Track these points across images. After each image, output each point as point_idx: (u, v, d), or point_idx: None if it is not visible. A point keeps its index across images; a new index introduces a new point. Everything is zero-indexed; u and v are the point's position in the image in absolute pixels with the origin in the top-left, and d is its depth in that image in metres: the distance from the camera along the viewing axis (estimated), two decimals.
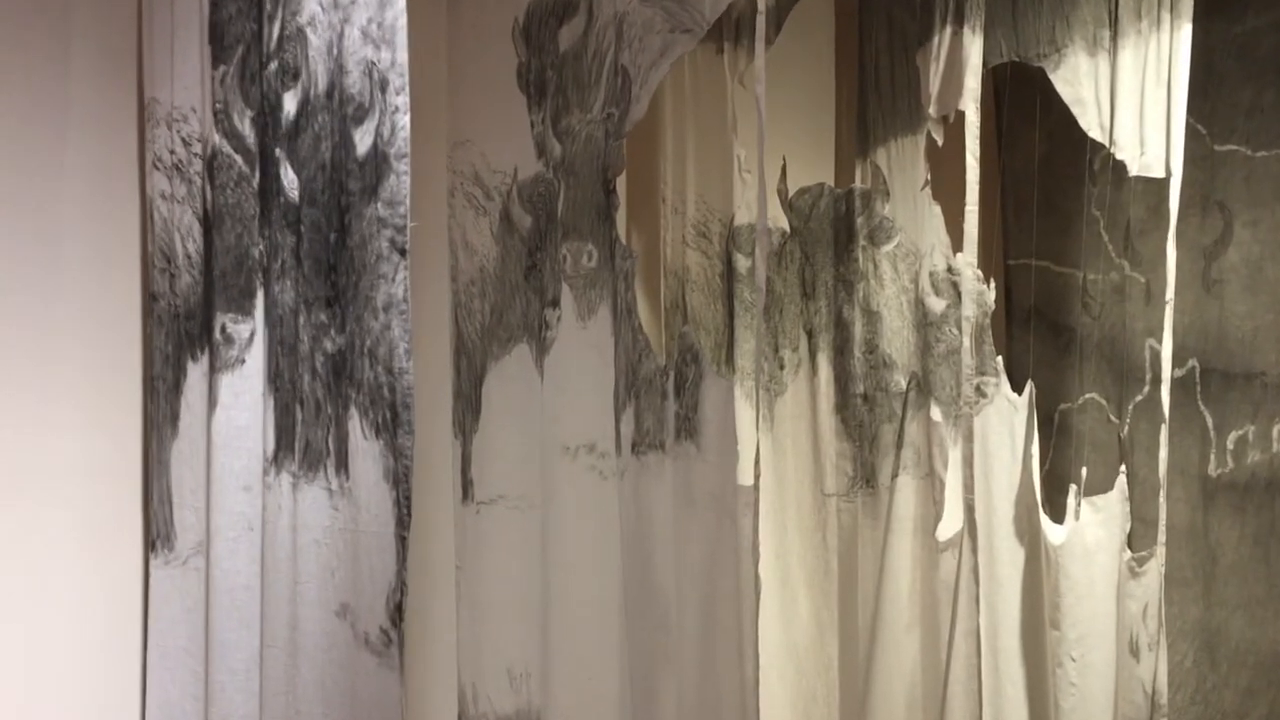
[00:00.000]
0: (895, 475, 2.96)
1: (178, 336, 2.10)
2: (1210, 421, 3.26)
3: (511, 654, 2.52)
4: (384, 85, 1.74)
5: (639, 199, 3.09)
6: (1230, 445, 3.23)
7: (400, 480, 1.75)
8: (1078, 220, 3.45)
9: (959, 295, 3.06)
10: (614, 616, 2.36)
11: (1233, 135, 3.23)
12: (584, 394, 2.44)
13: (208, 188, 2.01)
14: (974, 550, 2.66)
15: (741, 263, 2.88)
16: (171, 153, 2.14)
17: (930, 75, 2.84)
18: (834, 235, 3.00)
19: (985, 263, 3.65)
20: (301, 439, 1.79)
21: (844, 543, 2.93)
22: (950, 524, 2.85)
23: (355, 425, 1.76)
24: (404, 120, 1.73)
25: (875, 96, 3.27)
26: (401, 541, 1.76)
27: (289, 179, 1.79)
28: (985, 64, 3.09)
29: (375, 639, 1.74)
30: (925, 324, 3.13)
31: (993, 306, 3.07)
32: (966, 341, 2.67)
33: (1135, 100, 2.84)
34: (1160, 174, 2.87)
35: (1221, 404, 3.25)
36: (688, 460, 2.45)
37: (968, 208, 2.63)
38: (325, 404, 1.76)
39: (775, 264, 2.94)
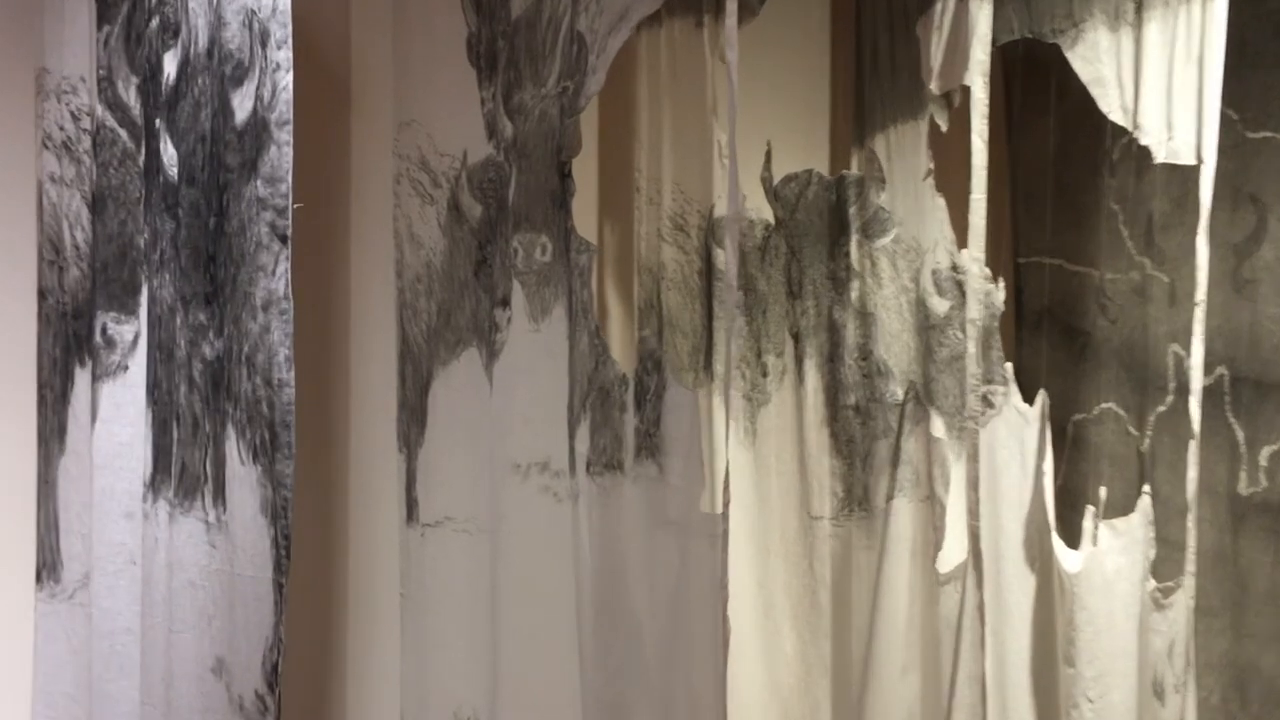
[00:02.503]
0: (891, 497, 2.67)
1: (65, 339, 1.83)
2: (1241, 435, 2.99)
3: (459, 694, 2.26)
4: (264, 38, 1.46)
5: (611, 188, 2.84)
6: (1263, 462, 2.95)
7: (279, 515, 1.47)
8: (1095, 214, 3.20)
9: (964, 296, 2.79)
10: (570, 656, 2.08)
11: (1268, 121, 2.95)
12: (536, 405, 2.16)
13: (95, 167, 1.74)
14: (979, 585, 2.38)
15: (722, 259, 2.60)
16: (61, 129, 1.86)
17: (932, 47, 2.57)
18: (823, 228, 2.71)
19: (994, 260, 3.40)
20: (178, 461, 1.51)
21: (834, 572, 2.65)
22: (952, 554, 2.57)
23: (232, 447, 1.48)
24: (286, 80, 1.45)
25: (874, 77, 3.00)
26: (279, 589, 1.48)
27: (169, 154, 1.51)
28: (995, 40, 2.82)
29: (250, 705, 1.47)
30: (927, 327, 2.85)
31: (1002, 308, 2.80)
32: (971, 347, 2.39)
33: (1163, 79, 2.56)
34: (1190, 161, 2.58)
35: (1254, 416, 2.97)
36: (649, 483, 2.17)
37: (973, 196, 2.35)
38: (203, 420, 1.49)
39: (758, 260, 2.66)
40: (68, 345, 1.83)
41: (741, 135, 3.13)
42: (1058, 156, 3.27)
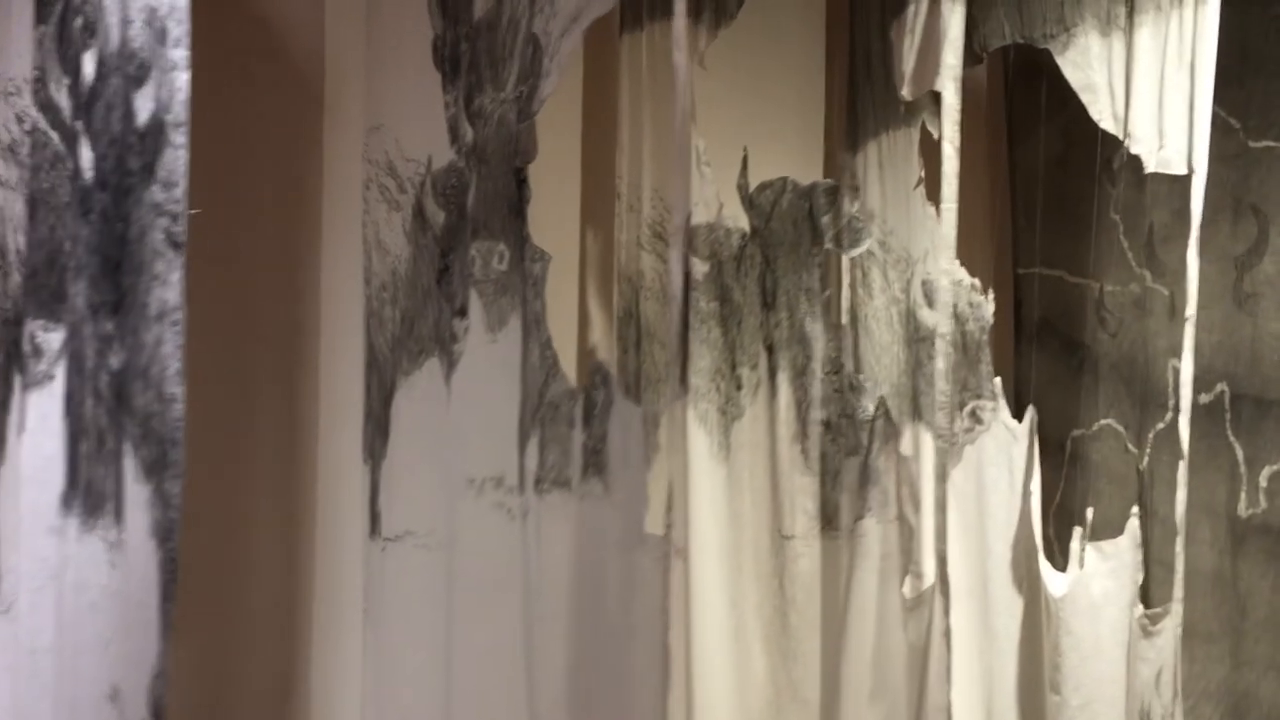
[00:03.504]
0: (859, 517, 2.60)
1: (6, 346, 1.77)
2: (1241, 455, 2.90)
3: (416, 715, 2.19)
4: (163, 37, 1.41)
5: (594, 195, 2.78)
6: (1263, 482, 2.87)
7: (167, 537, 1.41)
8: (1095, 225, 3.13)
9: (955, 307, 2.72)
10: (520, 682, 2.02)
11: (1270, 130, 2.88)
12: (492, 418, 2.10)
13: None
14: (946, 610, 2.30)
15: (698, 267, 2.54)
16: (7, 131, 1.81)
17: (905, 51, 2.49)
18: (797, 237, 2.64)
19: (993, 271, 3.33)
20: (85, 476, 1.46)
21: (804, 593, 2.57)
22: (921, 578, 2.49)
23: (130, 463, 1.43)
24: (182, 80, 1.40)
25: (866, 83, 2.92)
26: (165, 616, 1.42)
27: (86, 157, 1.46)
28: (986, 46, 2.76)
29: None
30: (917, 339, 2.77)
31: (990, 321, 2.73)
32: (941, 363, 2.31)
33: (1154, 86, 2.48)
34: (1181, 170, 2.51)
35: (1254, 435, 2.89)
36: (595, 501, 2.10)
37: (944, 206, 2.28)
38: (108, 435, 1.44)
39: (734, 269, 2.59)
40: (8, 353, 1.78)
41: (729, 140, 3.11)
42: (1058, 165, 3.19)
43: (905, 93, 2.58)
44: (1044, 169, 3.25)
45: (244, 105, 2.48)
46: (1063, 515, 3.08)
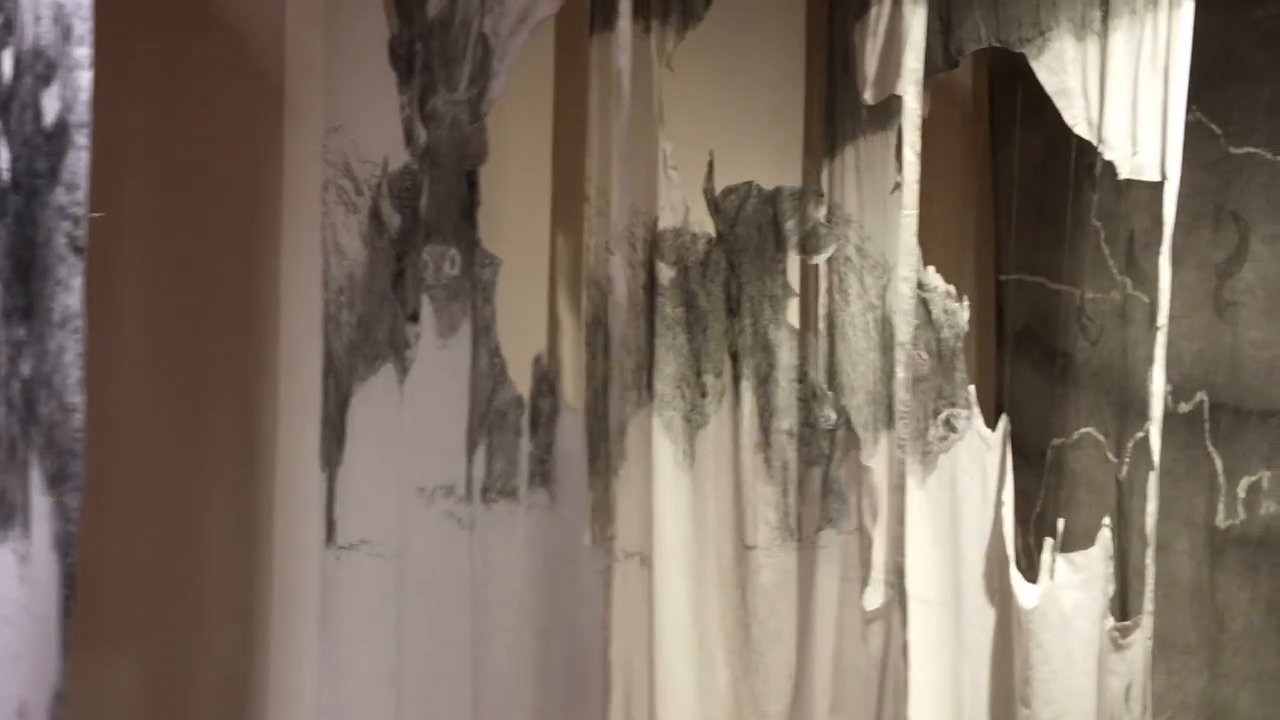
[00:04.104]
0: (820, 528, 2.56)
1: None
2: (1220, 465, 2.85)
3: None
4: (68, 34, 1.37)
5: (565, 199, 2.74)
6: (1242, 493, 2.82)
7: (67, 551, 1.38)
8: (1077, 231, 3.08)
9: (929, 314, 2.68)
10: (466, 697, 1.98)
11: (1252, 136, 2.83)
12: (442, 426, 2.07)
13: None
14: (904, 624, 2.25)
15: (664, 273, 2.50)
16: None
17: (866, 54, 2.45)
18: (761, 243, 2.60)
19: (966, 277, 3.28)
20: None
21: (765, 604, 2.53)
22: (880, 590, 2.45)
23: (35, 474, 1.39)
24: (85, 79, 1.36)
25: (845, 86, 2.88)
26: (63, 632, 1.38)
27: (4, 158, 1.42)
28: (962, 50, 2.73)
29: None
30: (892, 346, 2.73)
31: (965, 328, 2.69)
32: (900, 372, 2.27)
33: (1128, 91, 2.44)
34: (1155, 177, 2.47)
35: (1233, 445, 2.85)
36: (541, 512, 2.07)
37: (904, 213, 2.25)
38: (19, 444, 1.40)
39: (700, 275, 2.55)
40: None
41: (709, 144, 3.07)
42: (1040, 170, 3.15)
43: (868, 96, 2.54)
44: (1026, 174, 3.21)
45: (204, 105, 2.44)
46: (1043, 524, 3.03)
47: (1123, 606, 2.71)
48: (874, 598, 2.44)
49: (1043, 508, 3.11)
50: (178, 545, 2.43)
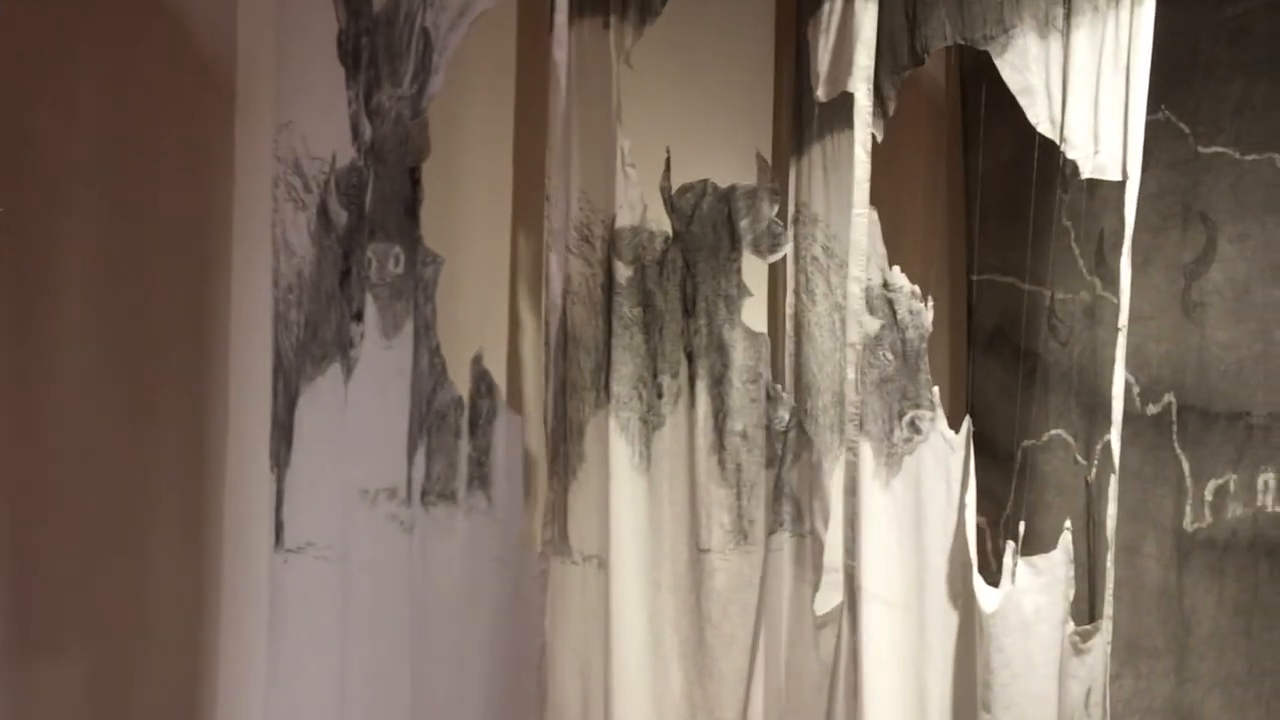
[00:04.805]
0: (773, 531, 2.53)
1: None
2: (1187, 467, 2.82)
3: None
4: None
5: (526, 197, 2.71)
6: (1209, 496, 2.79)
7: None
8: (1047, 231, 3.04)
9: (895, 314, 2.65)
10: (405, 703, 1.95)
11: (1220, 135, 2.79)
12: (386, 427, 2.04)
13: None
14: (854, 629, 2.22)
15: (622, 272, 2.47)
16: None
17: (819, 51, 2.42)
18: (716, 241, 2.57)
19: (939, 277, 3.25)
20: None
21: (719, 609, 2.50)
22: (831, 594, 2.42)
23: None
24: None
25: (811, 83, 2.85)
26: None
27: None
28: (927, 48, 2.70)
29: None
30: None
31: (929, 329, 2.66)
32: (850, 373, 2.24)
33: (1090, 89, 2.41)
34: (1116, 176, 2.44)
35: (1200, 447, 2.81)
36: (479, 515, 2.03)
37: (855, 212, 2.22)
38: None
39: (657, 274, 2.52)
40: None
41: (674, 141, 3.04)
42: (1011, 169, 3.11)
43: (820, 94, 2.51)
44: (997, 173, 3.18)
45: (154, 101, 2.41)
46: (1012, 527, 3.00)
47: (1091, 610, 2.68)
48: (825, 602, 2.41)
49: (1012, 510, 3.08)
50: (125, 547, 2.40)
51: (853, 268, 2.28)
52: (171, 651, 2.41)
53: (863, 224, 2.25)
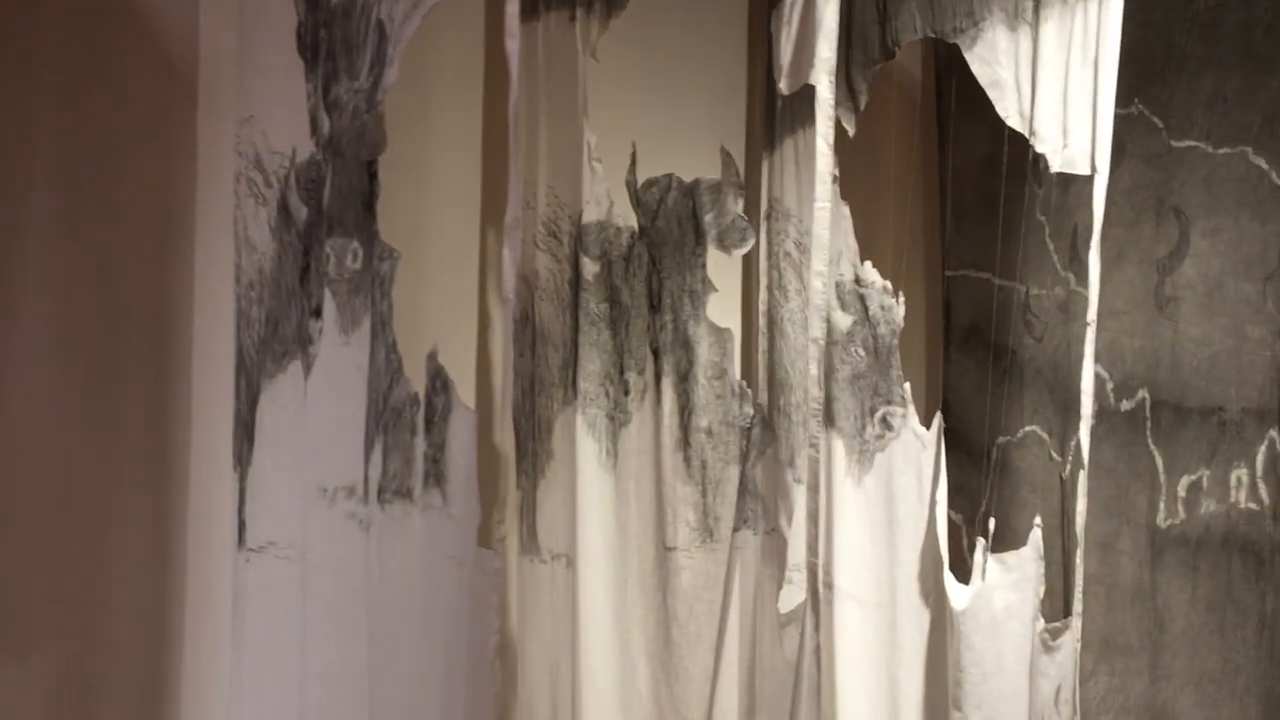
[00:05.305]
0: (737, 529, 2.51)
1: None
2: (1161, 464, 2.80)
3: None
4: None
5: (495, 192, 2.69)
6: (1182, 492, 2.77)
7: None
8: (1022, 226, 3.03)
9: (866, 310, 2.63)
10: (364, 705, 1.93)
11: (1192, 129, 2.78)
12: (344, 425, 2.01)
13: None
14: (816, 627, 2.21)
15: (589, 268, 2.45)
16: None
17: (782, 43, 2.40)
18: (681, 236, 2.55)
19: (913, 273, 3.24)
20: None
21: (685, 607, 2.48)
22: (795, 592, 2.40)
23: None
24: None
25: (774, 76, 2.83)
26: None
27: None
28: (898, 41, 2.68)
29: None
30: (830, 342, 2.68)
31: (900, 324, 2.65)
32: (814, 369, 2.22)
33: (1059, 82, 2.39)
34: (1085, 170, 2.43)
35: (1173, 443, 2.80)
36: (435, 513, 2.01)
37: (817, 205, 2.19)
38: None
39: (623, 270, 2.50)
40: None
41: (645, 136, 3.02)
42: (986, 164, 3.09)
43: (782, 86, 2.49)
44: (972, 167, 3.16)
45: (115, 96, 2.39)
46: (986, 524, 2.99)
47: (1066, 607, 2.66)
48: (790, 600, 2.39)
49: (987, 507, 3.06)
50: (88, 547, 2.38)
51: (815, 261, 2.26)
52: (135, 653, 2.38)
53: (824, 217, 2.23)
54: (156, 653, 2.43)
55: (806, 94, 2.74)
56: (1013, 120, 2.50)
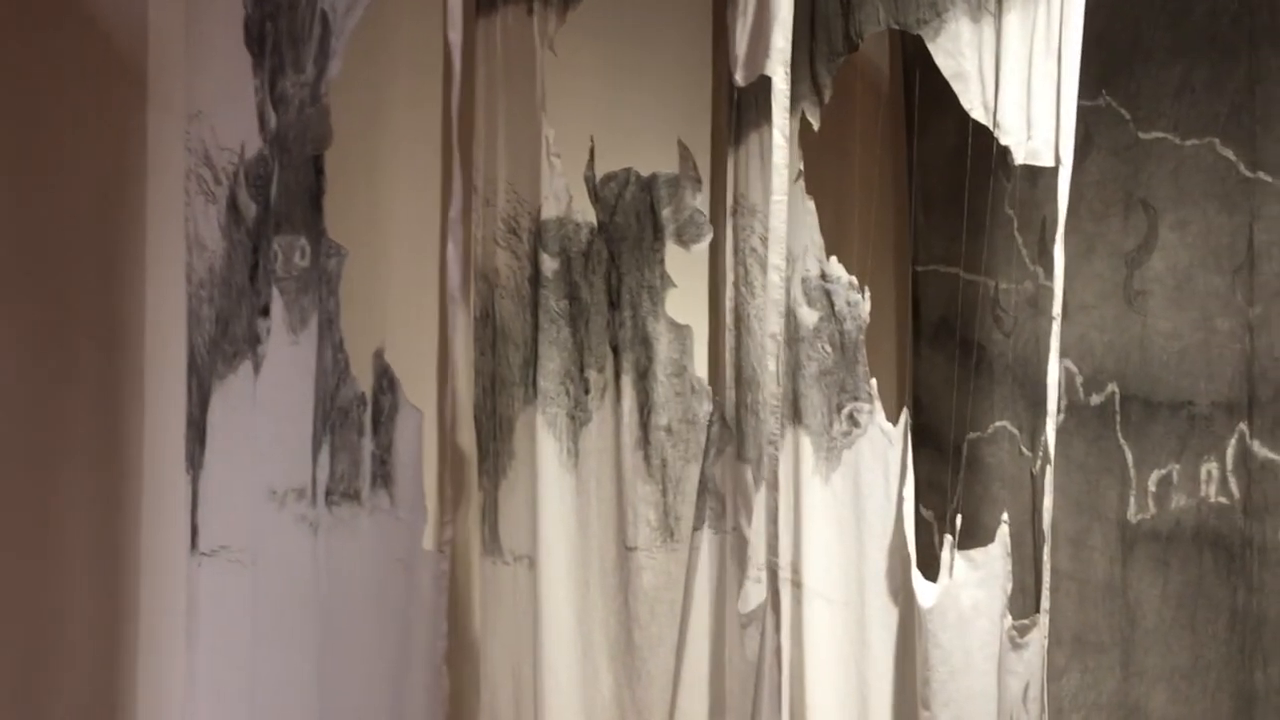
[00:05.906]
0: (696, 528, 2.47)
1: None
2: (1130, 458, 2.78)
3: None
4: None
5: (453, 188, 2.65)
6: (1152, 487, 2.75)
7: None
8: (991, 220, 3.00)
9: (833, 306, 2.60)
10: (313, 708, 1.89)
11: (1160, 120, 2.76)
12: (293, 426, 1.97)
13: None
14: (777, 627, 2.17)
15: (548, 264, 2.41)
16: None
17: (737, 33, 2.37)
18: (640, 232, 2.51)
19: (890, 267, 3.21)
20: None
21: (646, 609, 2.45)
22: (756, 591, 2.36)
23: None
24: None
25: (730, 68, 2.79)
26: None
27: None
28: (861, 33, 2.64)
29: None
30: (796, 339, 2.65)
31: (866, 320, 2.62)
32: (771, 365, 2.19)
33: (1022, 73, 2.36)
34: (1048, 162, 2.40)
35: (1143, 438, 2.77)
36: (382, 515, 1.97)
37: (774, 199, 2.16)
38: None
39: (582, 266, 2.46)
40: None
41: (611, 130, 2.98)
42: (955, 158, 3.05)
43: (738, 78, 2.46)
44: (940, 161, 3.13)
45: (62, 91, 2.34)
46: (955, 521, 2.97)
47: (1037, 604, 2.64)
48: (750, 600, 2.35)
49: (957, 504, 3.04)
50: (35, 552, 2.33)
51: (771, 256, 2.23)
52: (89, 660, 2.34)
53: (781, 211, 2.20)
54: (110, 659, 2.39)
55: (769, 87, 2.72)
56: (977, 112, 2.47)
